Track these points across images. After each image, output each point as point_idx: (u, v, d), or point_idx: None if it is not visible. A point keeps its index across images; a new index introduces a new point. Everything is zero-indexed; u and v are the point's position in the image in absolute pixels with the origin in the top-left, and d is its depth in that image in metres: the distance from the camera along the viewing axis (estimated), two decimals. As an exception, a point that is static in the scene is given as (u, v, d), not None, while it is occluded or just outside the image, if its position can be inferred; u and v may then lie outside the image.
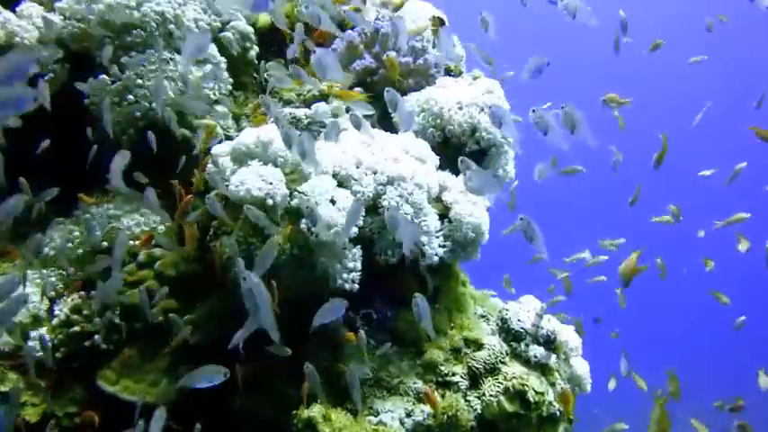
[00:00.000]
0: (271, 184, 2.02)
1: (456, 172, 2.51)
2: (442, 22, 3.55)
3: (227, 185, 2.06)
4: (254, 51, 2.88)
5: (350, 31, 2.82)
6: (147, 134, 2.41)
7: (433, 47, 3.25)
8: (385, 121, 2.78)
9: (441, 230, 2.27)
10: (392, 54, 2.70)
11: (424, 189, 2.24)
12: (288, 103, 2.71)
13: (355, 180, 2.16)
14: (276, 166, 2.10)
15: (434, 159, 2.44)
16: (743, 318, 5.43)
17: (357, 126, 2.25)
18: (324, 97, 2.66)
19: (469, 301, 2.52)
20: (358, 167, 2.19)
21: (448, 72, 3.06)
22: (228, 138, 2.61)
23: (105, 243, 2.42)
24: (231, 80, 2.77)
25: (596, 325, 5.41)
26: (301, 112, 2.54)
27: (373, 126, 2.70)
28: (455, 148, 2.64)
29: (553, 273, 4.35)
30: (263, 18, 3.06)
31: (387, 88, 2.16)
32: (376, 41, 2.78)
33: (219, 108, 2.65)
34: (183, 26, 2.58)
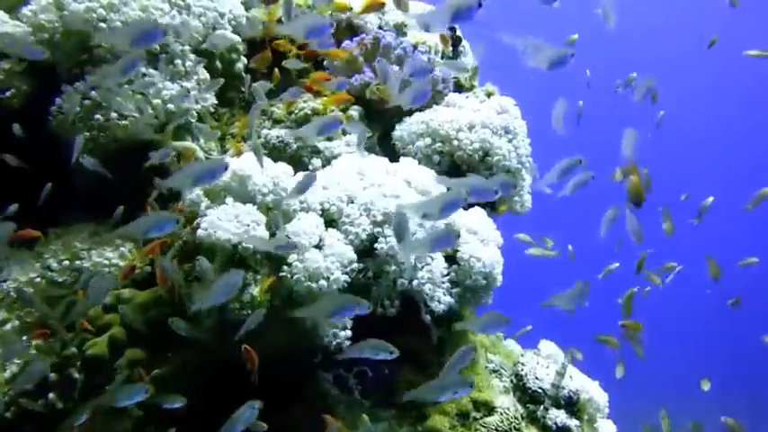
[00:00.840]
0: (247, 226, 1.72)
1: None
2: (452, 30, 3.25)
3: (198, 225, 1.77)
4: (242, 64, 2.59)
5: (348, 42, 2.53)
6: (114, 159, 2.16)
7: (442, 57, 2.95)
8: (386, 143, 2.49)
9: (447, 275, 1.97)
10: (395, 69, 2.40)
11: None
12: (277, 122, 2.42)
13: (347, 220, 1.87)
14: (255, 203, 1.80)
15: (441, 191, 2.13)
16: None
17: (360, 140, 1.99)
18: (318, 116, 2.37)
19: (479, 352, 2.21)
20: (351, 204, 1.89)
21: (458, 87, 2.75)
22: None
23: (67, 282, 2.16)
24: (215, 96, 2.47)
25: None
26: (291, 135, 2.24)
27: (372, 149, 2.42)
28: (465, 177, 2.34)
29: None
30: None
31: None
32: (377, 53, 2.48)
33: (201, 127, 2.36)
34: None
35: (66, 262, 2.17)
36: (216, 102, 2.48)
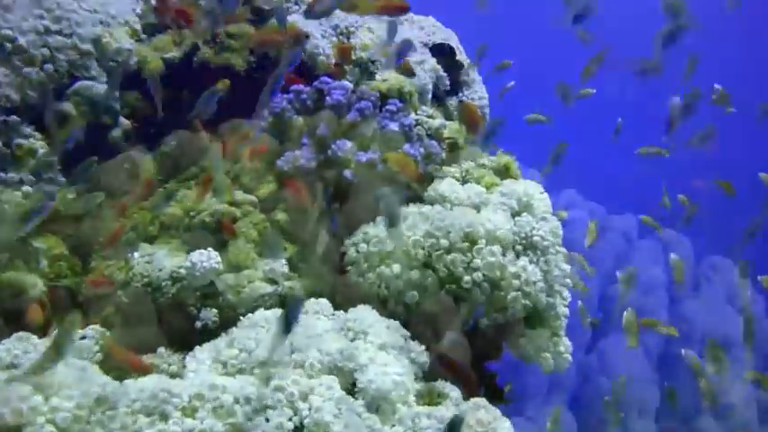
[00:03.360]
0: None
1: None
2: (452, 55, 2.31)
3: None
4: (120, 131, 1.69)
5: (281, 96, 1.61)
6: None
7: (433, 100, 2.05)
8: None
9: None
10: (346, 148, 1.48)
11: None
12: (168, 229, 1.53)
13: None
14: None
15: (409, 380, 1.22)
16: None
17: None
18: (225, 227, 1.48)
19: None
20: (259, 414, 1.00)
21: (452, 152, 1.82)
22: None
23: None
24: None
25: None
26: (165, 271, 1.35)
27: (321, 280, 1.52)
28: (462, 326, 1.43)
29: None
30: (155, 59, 1.83)
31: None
32: (321, 117, 1.56)
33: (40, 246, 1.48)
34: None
35: None
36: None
